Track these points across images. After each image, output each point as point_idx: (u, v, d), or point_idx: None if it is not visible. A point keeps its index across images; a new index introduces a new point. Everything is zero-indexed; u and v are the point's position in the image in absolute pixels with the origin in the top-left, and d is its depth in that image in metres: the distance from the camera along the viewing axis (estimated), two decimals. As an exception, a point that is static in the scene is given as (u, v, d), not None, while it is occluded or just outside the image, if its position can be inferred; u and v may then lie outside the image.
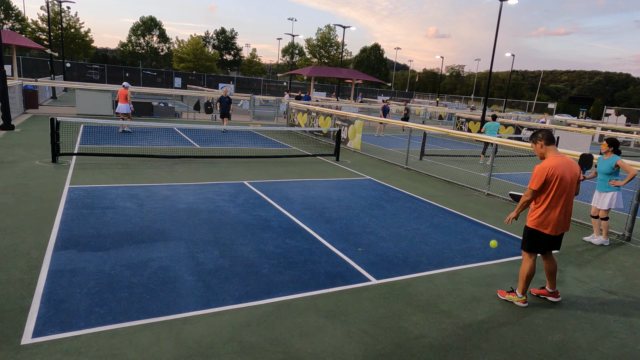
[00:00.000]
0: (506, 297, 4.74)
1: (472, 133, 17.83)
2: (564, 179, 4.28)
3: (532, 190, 4.34)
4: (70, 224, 5.90)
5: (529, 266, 4.56)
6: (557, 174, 4.25)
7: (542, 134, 4.45)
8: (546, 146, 4.43)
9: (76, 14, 76.68)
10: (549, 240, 4.52)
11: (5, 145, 11.08)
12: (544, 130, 4.49)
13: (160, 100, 27.37)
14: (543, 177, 4.26)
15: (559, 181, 4.26)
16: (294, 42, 75.58)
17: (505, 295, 4.76)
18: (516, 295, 4.68)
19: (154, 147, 12.30)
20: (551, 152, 4.41)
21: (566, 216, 4.43)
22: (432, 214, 7.97)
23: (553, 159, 4.32)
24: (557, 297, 4.84)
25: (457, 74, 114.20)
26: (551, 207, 4.34)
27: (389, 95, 64.86)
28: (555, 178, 4.25)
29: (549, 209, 4.35)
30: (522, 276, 4.60)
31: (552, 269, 4.74)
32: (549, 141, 4.41)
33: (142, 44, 72.00)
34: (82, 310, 3.85)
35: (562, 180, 4.27)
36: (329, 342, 3.72)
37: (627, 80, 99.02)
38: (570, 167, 4.35)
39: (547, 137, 4.42)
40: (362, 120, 15.69)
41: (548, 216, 4.36)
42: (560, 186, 4.28)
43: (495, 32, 20.68)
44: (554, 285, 4.82)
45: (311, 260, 5.37)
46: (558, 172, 4.25)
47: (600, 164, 7.05)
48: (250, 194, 8.30)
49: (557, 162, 4.28)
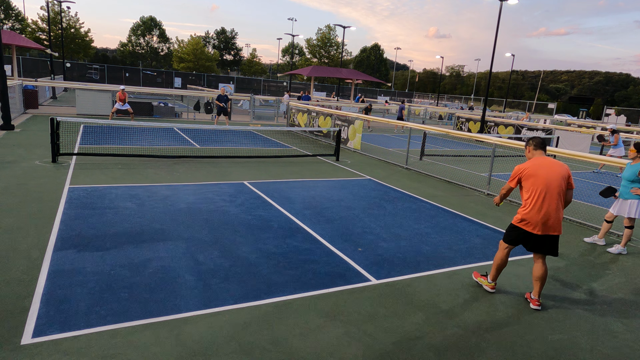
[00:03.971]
0: (478, 279, 5.07)
1: (472, 133, 17.84)
2: (538, 177, 4.42)
3: (509, 186, 4.67)
4: (70, 224, 5.90)
5: (500, 256, 4.80)
6: (530, 172, 4.47)
7: (534, 140, 4.72)
8: (533, 150, 4.69)
9: (76, 14, 76.66)
10: (530, 239, 4.53)
11: (5, 145, 11.08)
12: (538, 138, 4.75)
13: (160, 100, 27.37)
14: (517, 174, 4.57)
15: (536, 180, 4.43)
16: (294, 42, 75.60)
17: (478, 277, 5.09)
18: (486, 280, 4.97)
19: (154, 147, 12.30)
20: (536, 155, 4.65)
21: (548, 217, 4.38)
22: (432, 214, 7.97)
23: (533, 160, 4.58)
24: (536, 304, 4.63)
25: (457, 74, 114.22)
26: (532, 205, 4.46)
27: (389, 95, 64.86)
28: (532, 177, 4.46)
29: (529, 207, 4.48)
30: (494, 263, 4.88)
31: (539, 274, 4.62)
32: (537, 147, 4.66)
33: (142, 44, 72.02)
34: (82, 310, 3.85)
35: (539, 179, 4.42)
36: (329, 342, 3.72)
37: (627, 80, 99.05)
38: (553, 168, 4.44)
39: (536, 143, 4.68)
40: (361, 120, 15.70)
41: (528, 214, 4.47)
42: (539, 185, 4.41)
43: (495, 32, 20.68)
44: (537, 293, 4.67)
45: (311, 260, 5.37)
46: (532, 170, 4.46)
47: (626, 170, 6.68)
48: (250, 194, 8.30)
49: (537, 162, 4.51)
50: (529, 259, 6.07)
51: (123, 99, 17.61)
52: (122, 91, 17.71)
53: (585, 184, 12.70)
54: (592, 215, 8.73)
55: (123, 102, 17.62)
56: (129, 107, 17.78)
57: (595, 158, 8.24)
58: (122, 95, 17.63)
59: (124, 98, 17.63)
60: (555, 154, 9.80)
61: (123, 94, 17.66)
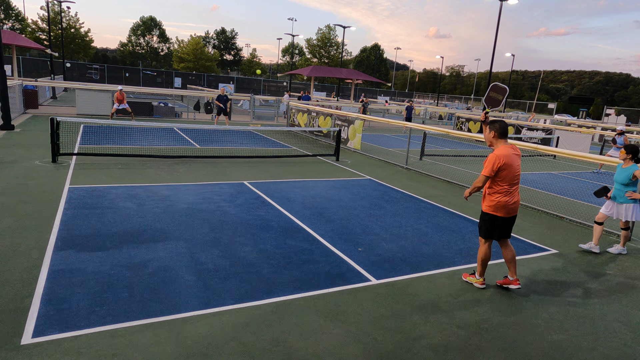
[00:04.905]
0: (467, 279, 5.09)
1: (472, 133, 17.83)
2: (513, 167, 4.65)
3: (485, 177, 4.66)
4: (70, 224, 5.90)
5: (484, 250, 4.89)
6: (507, 162, 4.60)
7: (499, 125, 4.74)
8: (498, 138, 4.75)
9: (76, 14, 76.69)
10: (503, 224, 4.78)
11: (5, 145, 11.08)
12: (502, 122, 4.76)
13: (160, 100, 27.37)
14: (496, 164, 4.59)
15: (508, 168, 4.61)
16: (294, 42, 75.58)
17: (467, 277, 5.13)
18: (475, 277, 5.04)
19: (154, 147, 12.30)
20: (501, 144, 4.74)
21: (517, 201, 4.78)
22: (432, 214, 7.97)
23: (503, 149, 4.67)
24: (517, 284, 4.94)
25: (457, 74, 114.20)
26: (503, 192, 4.67)
27: (389, 95, 64.85)
28: (506, 166, 4.59)
29: (501, 194, 4.67)
30: (479, 260, 4.95)
31: (511, 256, 4.93)
32: (502, 135, 4.74)
33: (142, 44, 72.02)
34: (82, 310, 3.85)
35: (511, 168, 4.63)
36: (329, 342, 3.72)
37: (627, 80, 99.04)
38: (518, 154, 4.77)
39: (501, 131, 4.73)
40: (362, 120, 15.70)
41: (501, 200, 4.67)
42: (510, 173, 4.64)
43: (495, 32, 20.67)
44: (514, 274, 4.96)
45: (311, 260, 5.37)
46: (508, 160, 4.61)
47: (618, 173, 6.47)
48: (250, 194, 8.30)
49: (507, 151, 4.65)
50: (529, 259, 6.07)
51: (121, 99, 17.69)
52: (120, 92, 17.81)
53: (585, 184, 12.70)
54: (592, 215, 8.72)
55: (119, 103, 17.70)
56: (127, 106, 17.89)
57: (595, 158, 8.24)
58: (120, 95, 17.71)
59: (121, 98, 17.71)
60: (555, 153, 9.80)
61: (121, 94, 17.75)
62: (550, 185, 11.61)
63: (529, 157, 16.47)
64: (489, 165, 4.62)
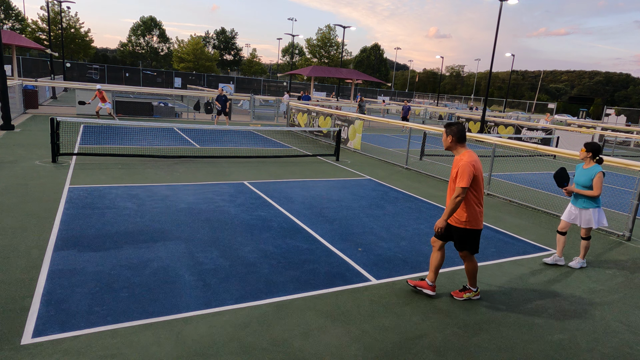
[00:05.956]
0: (465, 297, 4.70)
1: (472, 133, 17.83)
2: (481, 174, 4.35)
3: (464, 189, 4.19)
4: (70, 224, 5.90)
5: (474, 263, 4.61)
6: (479, 169, 4.30)
7: (456, 128, 4.37)
8: (457, 142, 4.38)
9: (76, 14, 76.76)
10: None
11: (5, 145, 11.08)
12: (459, 125, 4.40)
13: (160, 100, 27.37)
14: (472, 172, 4.21)
15: (479, 177, 4.30)
16: (294, 42, 75.59)
17: (463, 295, 4.71)
18: (472, 292, 4.72)
19: (154, 147, 12.30)
20: (463, 149, 4.38)
21: None
22: (432, 214, 7.97)
23: (471, 155, 4.31)
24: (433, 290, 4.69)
25: (457, 74, 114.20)
26: (478, 202, 4.35)
27: (389, 95, 64.86)
28: (478, 174, 4.29)
29: (478, 204, 4.34)
30: (474, 272, 4.63)
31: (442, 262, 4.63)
32: (460, 139, 4.37)
33: (142, 44, 72.02)
34: (82, 310, 3.85)
35: (480, 175, 4.32)
36: (329, 342, 3.72)
37: (627, 80, 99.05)
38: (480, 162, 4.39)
39: (460, 135, 4.36)
40: (362, 120, 15.69)
41: (478, 212, 4.35)
42: (481, 181, 4.35)
43: (495, 32, 20.67)
44: (434, 279, 4.67)
45: (311, 260, 5.37)
46: (477, 166, 4.28)
47: (579, 174, 5.71)
48: (250, 194, 8.30)
49: (475, 157, 4.31)
50: (529, 259, 6.07)
51: (100, 97, 16.91)
52: (99, 90, 17.00)
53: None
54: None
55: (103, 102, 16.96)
56: (109, 106, 17.16)
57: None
58: (99, 94, 16.91)
59: (100, 97, 16.91)
60: (555, 154, 9.80)
61: (100, 92, 16.94)
62: (550, 185, 11.61)
63: (529, 157, 16.47)
64: (465, 175, 4.17)
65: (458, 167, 4.26)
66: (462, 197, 4.21)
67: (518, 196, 9.70)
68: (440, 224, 4.35)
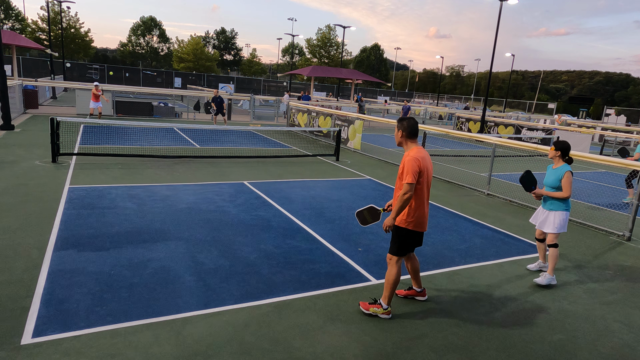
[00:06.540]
0: (371, 311, 4.20)
1: (472, 133, 17.84)
2: (429, 172, 4.10)
3: (410, 185, 3.93)
4: (70, 224, 5.90)
5: (396, 271, 4.13)
6: (425, 166, 4.04)
7: (407, 123, 4.13)
8: (407, 138, 4.15)
9: (76, 14, 76.77)
10: (419, 238, 4.25)
11: (5, 145, 11.08)
12: (411, 120, 4.16)
13: (160, 100, 27.37)
14: (417, 168, 3.95)
15: (425, 173, 4.05)
16: (294, 42, 75.61)
17: (369, 308, 4.22)
18: (381, 307, 4.19)
19: (154, 147, 12.30)
20: (413, 144, 4.15)
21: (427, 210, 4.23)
22: (432, 214, 7.97)
23: (419, 151, 4.07)
24: (424, 295, 4.63)
25: (457, 74, 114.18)
26: (422, 202, 4.08)
27: (389, 95, 64.86)
28: (425, 171, 4.04)
29: (421, 204, 4.08)
30: (390, 283, 4.14)
31: (418, 266, 4.52)
32: (410, 135, 4.12)
33: (142, 44, 72.02)
34: (82, 310, 3.85)
35: (427, 172, 4.08)
36: (329, 342, 3.72)
37: (627, 80, 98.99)
38: (429, 160, 4.18)
39: (410, 131, 4.11)
40: (362, 120, 15.70)
41: (421, 212, 4.09)
42: (426, 179, 4.09)
43: (495, 32, 20.68)
44: (420, 284, 4.61)
45: (311, 260, 5.37)
46: (424, 163, 4.03)
47: (548, 175, 5.39)
48: (250, 194, 8.30)
49: (423, 153, 4.07)
50: (529, 259, 6.07)
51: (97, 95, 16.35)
52: (96, 87, 16.50)
53: (585, 184, 12.70)
54: (592, 215, 8.73)
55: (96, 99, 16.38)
56: (100, 105, 16.54)
57: (595, 158, 8.24)
58: (97, 91, 16.33)
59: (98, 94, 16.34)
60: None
61: (97, 89, 16.40)
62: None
63: (529, 157, 16.47)
64: (410, 170, 3.92)
65: (404, 162, 4.05)
66: (410, 193, 3.94)
67: (518, 196, 9.70)
68: (389, 222, 4.06)
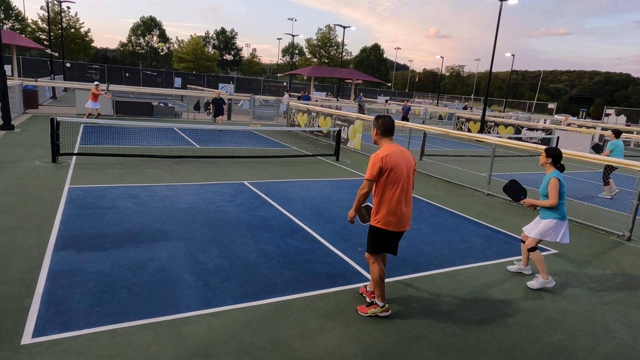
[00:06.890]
0: (370, 312, 4.20)
1: (472, 133, 17.84)
2: (399, 169, 3.99)
3: (368, 181, 3.97)
4: (70, 224, 5.90)
5: (378, 268, 4.14)
6: (391, 162, 3.95)
7: (382, 121, 4.10)
8: (381, 136, 4.11)
9: (76, 14, 76.75)
10: (393, 238, 4.16)
11: (5, 145, 11.08)
12: (386, 118, 4.12)
13: (160, 100, 27.37)
14: (377, 165, 3.92)
15: (394, 171, 3.96)
16: (294, 42, 75.61)
17: (368, 310, 4.22)
18: (378, 307, 4.21)
19: (154, 147, 12.30)
20: (385, 142, 4.11)
21: (406, 210, 4.09)
22: (432, 214, 7.97)
23: (387, 148, 4.02)
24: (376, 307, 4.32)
25: (457, 74, 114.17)
26: (390, 199, 4.01)
27: (389, 95, 64.86)
28: (390, 167, 3.95)
29: (388, 202, 4.01)
30: (377, 281, 4.16)
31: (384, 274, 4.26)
32: (385, 133, 4.08)
33: (142, 44, 72.04)
34: (82, 310, 3.85)
35: (397, 170, 3.97)
36: (329, 342, 3.72)
37: (627, 80, 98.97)
38: (405, 157, 4.07)
39: (384, 129, 4.08)
40: (362, 120, 15.70)
41: (390, 210, 4.02)
42: (395, 176, 3.98)
43: (495, 32, 20.68)
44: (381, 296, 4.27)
45: (311, 260, 5.37)
46: (392, 160, 3.95)
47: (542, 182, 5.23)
48: (250, 194, 8.30)
49: (391, 150, 4.00)
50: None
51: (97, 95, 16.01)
52: (96, 87, 16.19)
53: (585, 183, 12.70)
54: (592, 215, 8.73)
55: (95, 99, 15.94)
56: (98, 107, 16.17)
57: (595, 158, 8.24)
58: (97, 91, 16.01)
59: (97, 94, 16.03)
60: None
61: (97, 89, 16.10)
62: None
63: (529, 157, 16.46)
64: (369, 167, 3.96)
65: None
66: (366, 190, 3.98)
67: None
68: (351, 213, 4.15)
